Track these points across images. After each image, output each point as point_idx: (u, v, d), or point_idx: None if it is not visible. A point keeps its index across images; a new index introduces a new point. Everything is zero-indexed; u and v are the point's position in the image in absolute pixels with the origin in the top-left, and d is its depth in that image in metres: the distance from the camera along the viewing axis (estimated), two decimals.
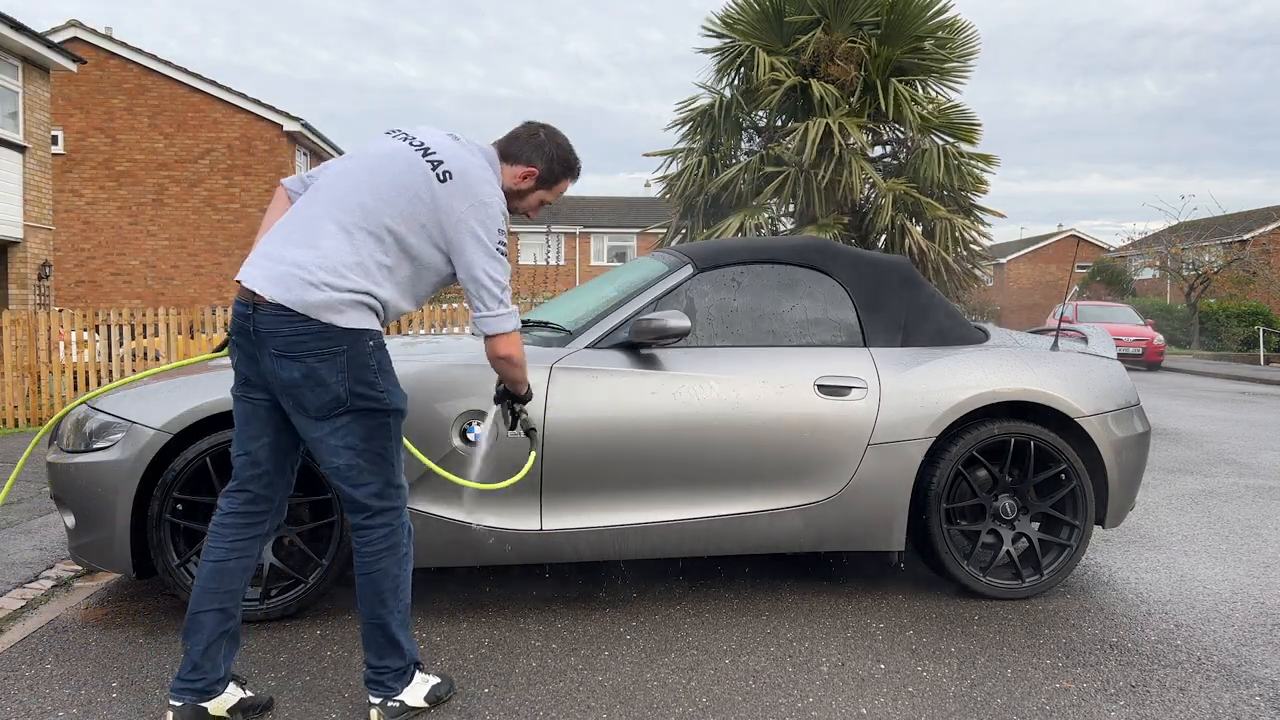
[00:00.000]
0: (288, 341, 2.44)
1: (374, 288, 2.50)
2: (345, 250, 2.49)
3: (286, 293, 2.43)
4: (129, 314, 10.20)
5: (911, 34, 9.06)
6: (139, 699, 2.77)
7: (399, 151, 2.61)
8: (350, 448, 2.52)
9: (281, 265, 2.48)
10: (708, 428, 3.52)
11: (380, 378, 2.52)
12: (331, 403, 2.47)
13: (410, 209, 2.54)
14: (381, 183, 2.56)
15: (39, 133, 14.73)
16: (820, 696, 2.84)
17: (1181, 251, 31.04)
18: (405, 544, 2.64)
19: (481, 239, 2.56)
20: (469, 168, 2.61)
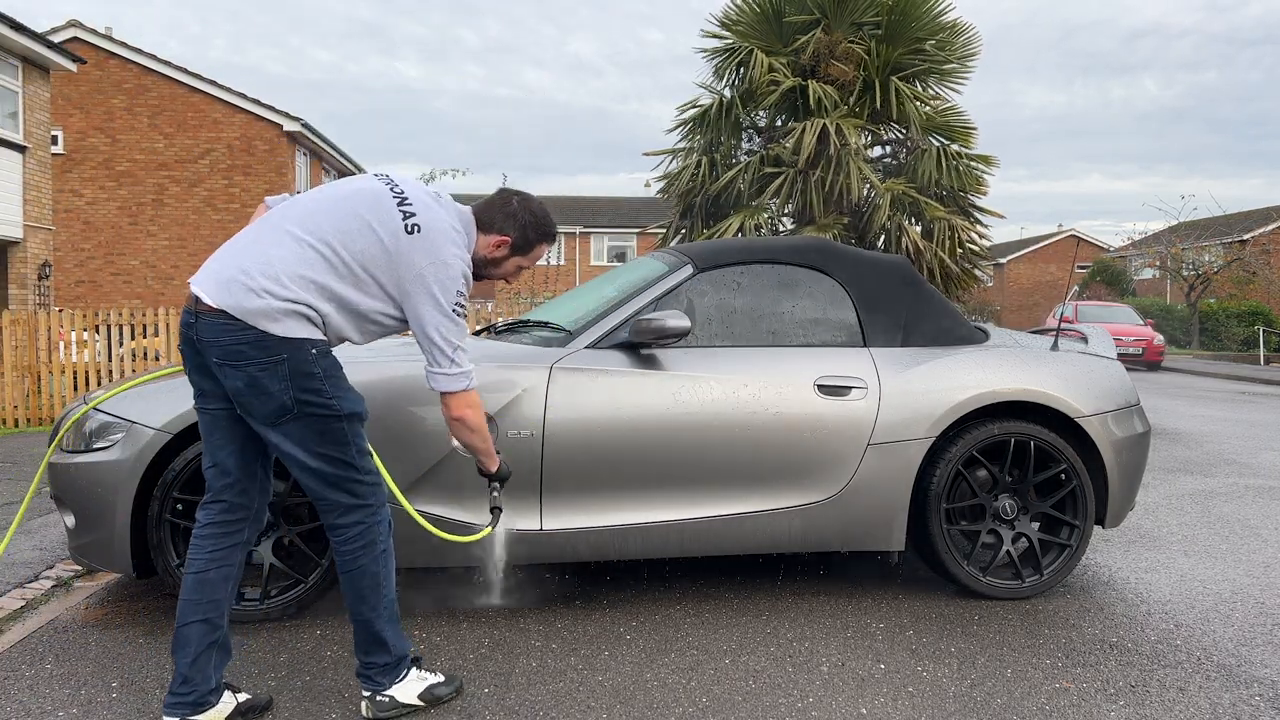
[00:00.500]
0: (226, 351, 2.44)
1: (316, 302, 2.49)
2: (292, 262, 2.48)
3: (227, 297, 2.43)
4: (129, 314, 10.20)
5: (912, 35, 9.06)
6: (139, 699, 2.77)
7: (377, 193, 2.62)
8: (307, 450, 2.51)
9: (227, 270, 2.48)
10: (708, 428, 3.52)
11: (327, 384, 2.50)
12: (278, 410, 2.46)
13: (371, 250, 2.54)
14: (349, 215, 2.56)
15: (39, 133, 14.73)
16: (820, 696, 2.84)
17: (1181, 251, 31.04)
18: (383, 540, 2.63)
19: (436, 297, 2.55)
20: (439, 226, 2.60)
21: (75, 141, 22.19)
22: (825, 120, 8.63)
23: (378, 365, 3.45)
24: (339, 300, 2.53)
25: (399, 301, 2.59)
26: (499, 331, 4.28)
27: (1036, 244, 44.87)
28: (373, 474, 2.62)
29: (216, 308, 2.43)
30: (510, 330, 4.20)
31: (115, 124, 22.30)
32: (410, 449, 3.35)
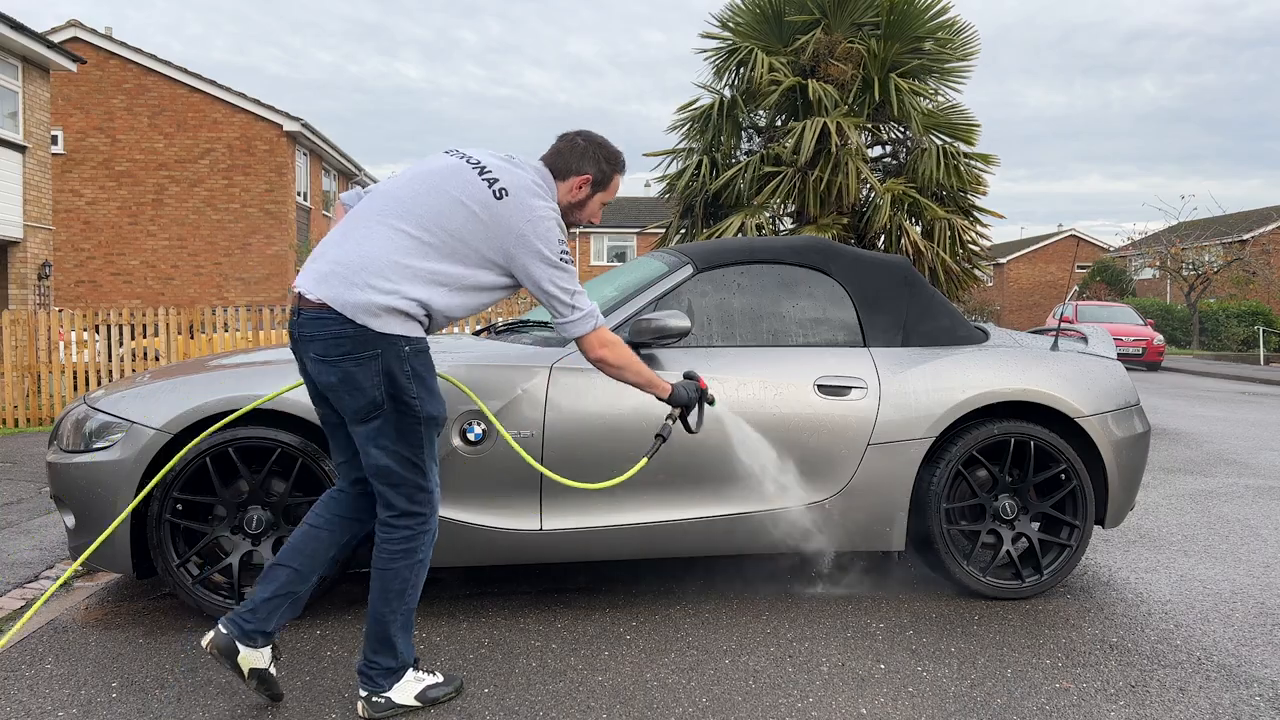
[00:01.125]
0: (324, 345, 2.50)
1: (418, 291, 2.52)
2: (390, 251, 2.53)
3: (327, 289, 2.48)
4: (129, 314, 10.20)
5: (911, 34, 9.06)
6: (139, 699, 2.77)
7: (456, 168, 2.65)
8: (383, 449, 2.55)
9: (325, 265, 2.54)
10: (708, 428, 3.52)
11: (414, 383, 2.54)
12: (368, 406, 2.52)
13: (467, 224, 2.57)
14: (436, 193, 2.60)
15: (39, 133, 14.73)
16: (820, 696, 2.84)
17: (1181, 251, 31.05)
18: (423, 551, 2.65)
19: (542, 251, 2.59)
20: (524, 184, 2.64)
21: (75, 141, 22.19)
22: (825, 119, 8.63)
23: None
24: (443, 279, 2.56)
25: (505, 267, 2.61)
26: (499, 331, 4.28)
27: (1036, 244, 44.87)
28: (433, 483, 2.65)
29: (317, 301, 2.49)
30: (510, 330, 4.20)
31: (115, 124, 22.30)
32: None
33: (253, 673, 2.62)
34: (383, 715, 2.64)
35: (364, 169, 28.94)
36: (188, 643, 3.21)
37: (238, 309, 10.46)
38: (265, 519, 3.38)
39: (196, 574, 3.36)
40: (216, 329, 10.35)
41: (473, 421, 3.38)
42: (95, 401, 3.47)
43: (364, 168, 28.96)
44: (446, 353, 3.59)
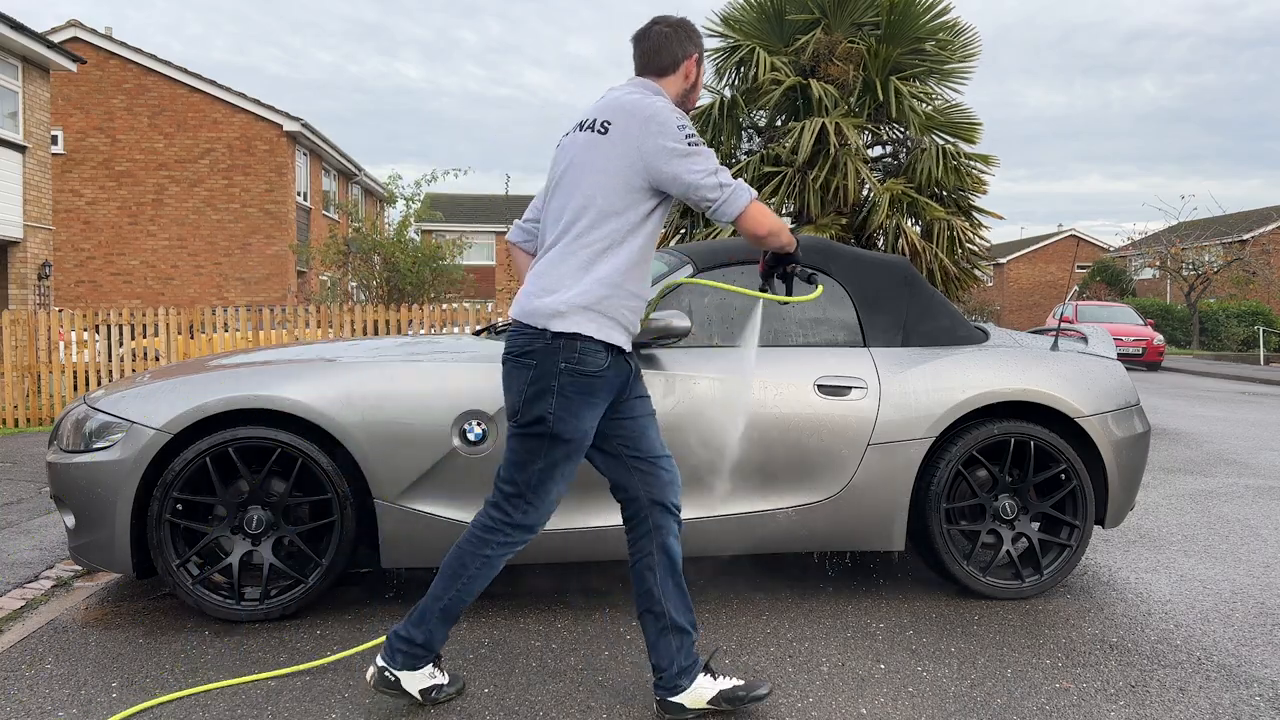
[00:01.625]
0: (507, 352, 2.61)
1: (572, 283, 2.53)
2: (555, 257, 2.58)
3: (517, 309, 2.58)
4: (129, 314, 10.20)
5: (912, 35, 9.05)
6: (139, 699, 2.77)
7: (568, 146, 2.65)
8: (511, 449, 2.61)
9: (521, 289, 2.66)
10: (708, 428, 3.52)
11: (555, 400, 2.52)
12: (510, 410, 2.60)
13: (600, 180, 2.54)
14: (571, 180, 2.60)
15: (39, 133, 14.73)
16: (820, 696, 2.84)
17: (1181, 251, 31.05)
18: (495, 556, 2.64)
19: (669, 146, 2.52)
20: (618, 103, 2.60)
21: (75, 141, 22.19)
22: (825, 120, 8.63)
23: (378, 365, 3.45)
24: (613, 258, 2.55)
25: (652, 185, 2.56)
26: (499, 331, 4.28)
27: (1036, 244, 44.87)
28: (544, 505, 2.63)
29: (511, 318, 2.61)
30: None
31: (115, 124, 22.30)
32: (410, 449, 3.35)
33: (713, 702, 2.62)
34: (382, 691, 2.65)
35: (364, 169, 28.94)
36: (188, 643, 3.21)
37: (238, 309, 10.46)
38: (265, 519, 3.38)
39: (196, 574, 3.36)
40: (216, 329, 10.35)
41: (473, 421, 3.38)
42: (95, 401, 3.47)
43: (364, 168, 28.96)
44: (446, 352, 3.60)
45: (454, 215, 33.98)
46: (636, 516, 2.69)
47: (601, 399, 2.59)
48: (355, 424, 3.32)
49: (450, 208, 34.31)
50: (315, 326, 10.30)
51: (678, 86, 2.75)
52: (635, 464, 2.69)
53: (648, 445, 2.70)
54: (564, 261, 2.56)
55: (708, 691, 2.63)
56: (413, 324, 10.34)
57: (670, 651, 2.63)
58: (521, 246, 2.94)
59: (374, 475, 3.34)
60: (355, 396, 3.35)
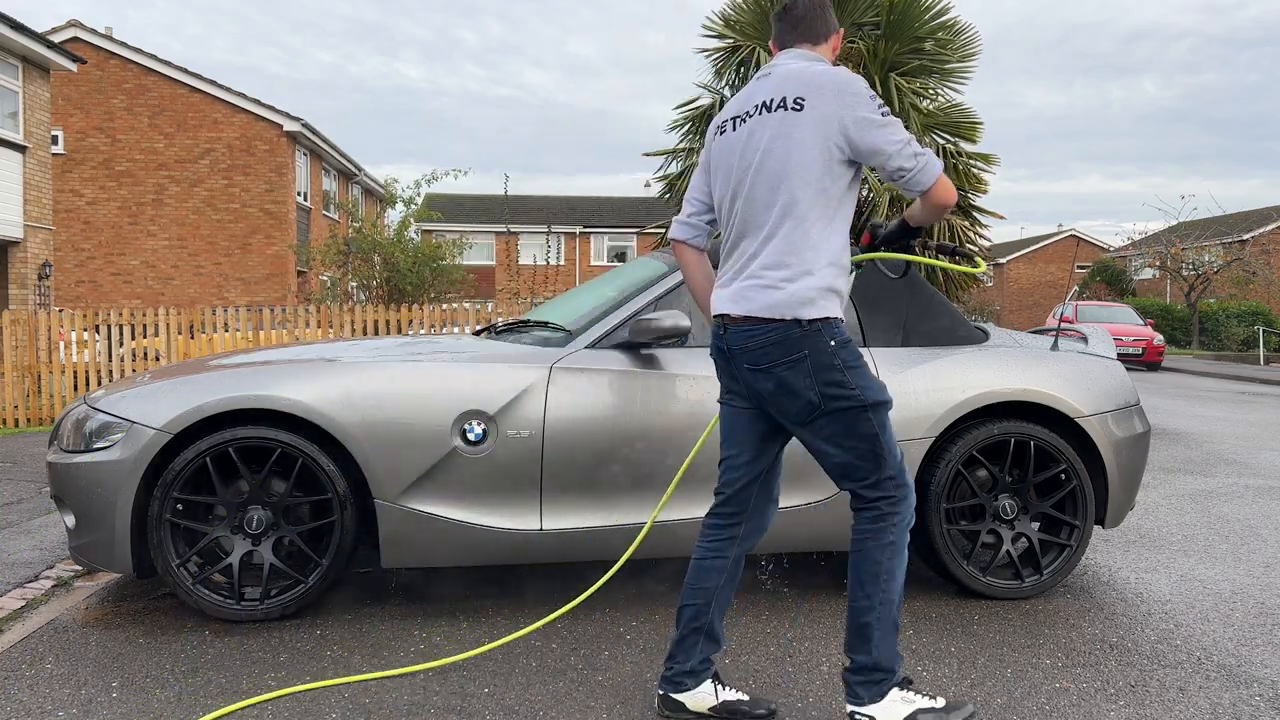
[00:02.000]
0: (754, 355, 2.48)
1: (812, 265, 2.46)
2: (782, 245, 2.47)
3: (748, 305, 2.47)
4: (129, 314, 10.21)
5: (912, 34, 9.05)
6: (139, 699, 2.77)
7: (756, 129, 2.53)
8: (838, 446, 2.49)
9: (736, 283, 2.53)
10: (708, 427, 3.52)
11: (849, 375, 2.45)
12: (806, 407, 2.46)
13: (806, 157, 2.45)
14: (773, 163, 2.48)
15: (39, 133, 14.73)
16: (820, 696, 2.84)
17: (1181, 251, 31.05)
18: (893, 536, 2.49)
19: (870, 118, 2.44)
20: (801, 75, 2.51)
21: (75, 141, 22.20)
22: None
23: (378, 365, 3.45)
24: (829, 239, 2.48)
25: (850, 157, 2.48)
26: (499, 331, 4.28)
27: (1036, 244, 44.87)
28: (898, 466, 2.53)
29: (741, 316, 2.49)
30: (510, 330, 4.20)
31: (115, 124, 22.31)
32: (410, 449, 3.35)
33: (713, 710, 2.59)
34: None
35: (364, 169, 28.94)
36: (188, 643, 3.21)
37: (238, 309, 10.46)
38: (265, 519, 3.38)
39: (196, 574, 3.36)
40: (216, 329, 10.35)
41: (473, 421, 3.38)
42: (95, 401, 3.48)
43: (364, 168, 28.97)
44: (446, 353, 3.60)
45: (454, 215, 33.98)
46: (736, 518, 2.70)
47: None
48: (355, 424, 3.33)
49: (450, 208, 34.31)
50: (315, 326, 10.30)
51: (829, 58, 2.66)
52: (771, 478, 2.71)
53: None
54: (791, 246, 2.45)
55: (704, 699, 2.61)
56: (413, 324, 10.34)
57: (692, 650, 2.63)
58: (691, 243, 2.78)
59: (374, 475, 3.34)
60: (355, 396, 3.35)
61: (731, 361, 2.56)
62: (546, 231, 15.53)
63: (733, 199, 2.59)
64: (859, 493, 2.53)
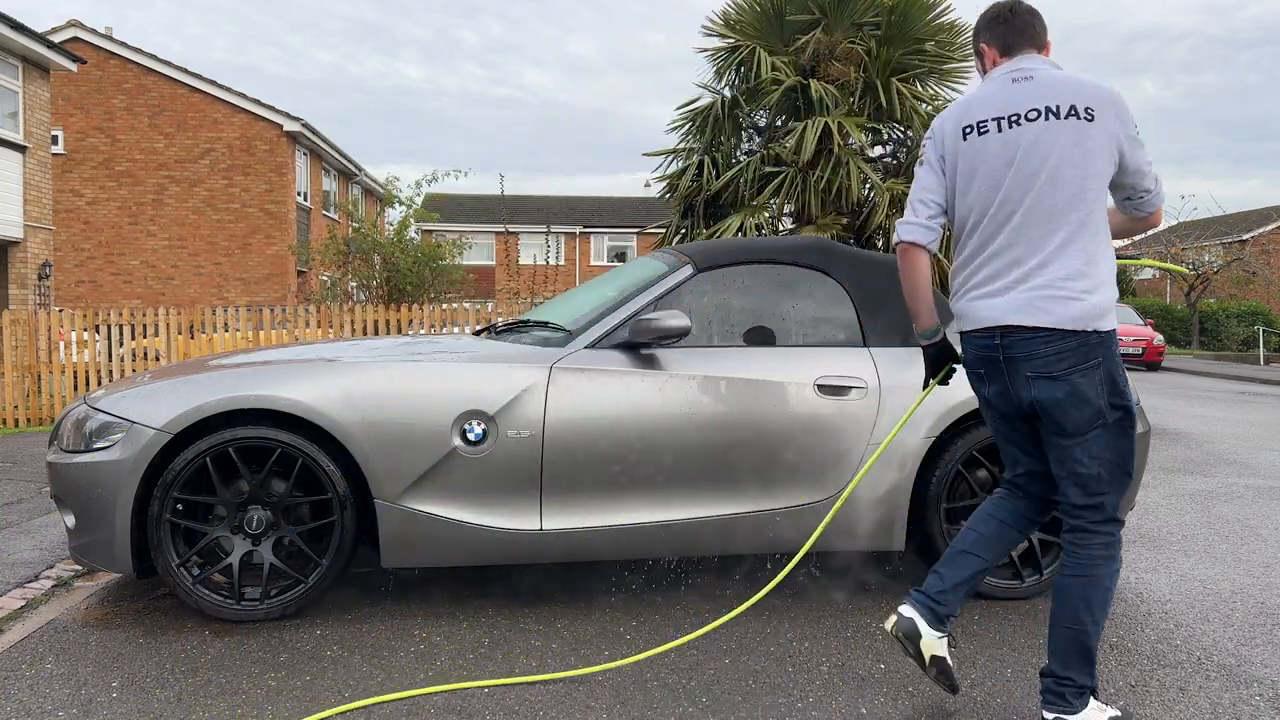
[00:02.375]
0: (1047, 363, 2.45)
1: (1106, 277, 2.48)
2: (1081, 256, 2.45)
3: (1045, 316, 2.44)
4: (129, 314, 10.21)
5: (913, 35, 9.06)
6: (139, 699, 2.77)
7: (1044, 135, 2.49)
8: (1097, 458, 2.48)
9: (1017, 292, 2.48)
10: (707, 427, 3.52)
11: (1126, 386, 2.49)
12: (1091, 417, 2.45)
13: (1091, 167, 2.46)
14: (1068, 170, 2.46)
15: (39, 133, 14.73)
16: (820, 697, 2.84)
17: (1181, 251, 31.04)
18: (1119, 558, 2.55)
19: (1137, 137, 2.51)
20: (1081, 86, 2.50)
21: (75, 141, 22.20)
22: (827, 119, 8.63)
23: (378, 365, 3.45)
24: (1104, 246, 2.50)
25: (1118, 173, 2.52)
26: (499, 331, 4.28)
27: None
28: (1132, 487, 2.61)
29: (1033, 326, 2.45)
30: (510, 330, 4.21)
31: (115, 124, 22.31)
32: (410, 449, 3.35)
33: (934, 660, 2.61)
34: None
35: (364, 169, 28.94)
36: (188, 643, 3.21)
37: (238, 309, 10.46)
38: (265, 519, 3.38)
39: (197, 574, 3.36)
40: (216, 329, 10.35)
41: (473, 421, 3.38)
42: (95, 401, 3.48)
43: (364, 168, 28.97)
44: (446, 353, 3.60)
45: (454, 215, 33.99)
46: (1039, 505, 2.75)
47: None
48: (355, 424, 3.33)
49: (450, 208, 34.32)
50: (315, 326, 10.30)
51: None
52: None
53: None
54: (1090, 257, 2.45)
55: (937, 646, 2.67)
56: (413, 324, 10.34)
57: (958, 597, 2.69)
58: (929, 247, 2.69)
59: (374, 475, 3.34)
60: (355, 396, 3.35)
61: (1007, 370, 2.53)
62: (546, 231, 15.54)
63: (1002, 203, 2.52)
64: (1083, 511, 2.52)
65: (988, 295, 2.54)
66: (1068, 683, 2.49)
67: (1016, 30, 2.64)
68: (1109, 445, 2.48)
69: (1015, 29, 2.64)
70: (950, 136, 2.63)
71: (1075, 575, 2.51)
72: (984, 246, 2.56)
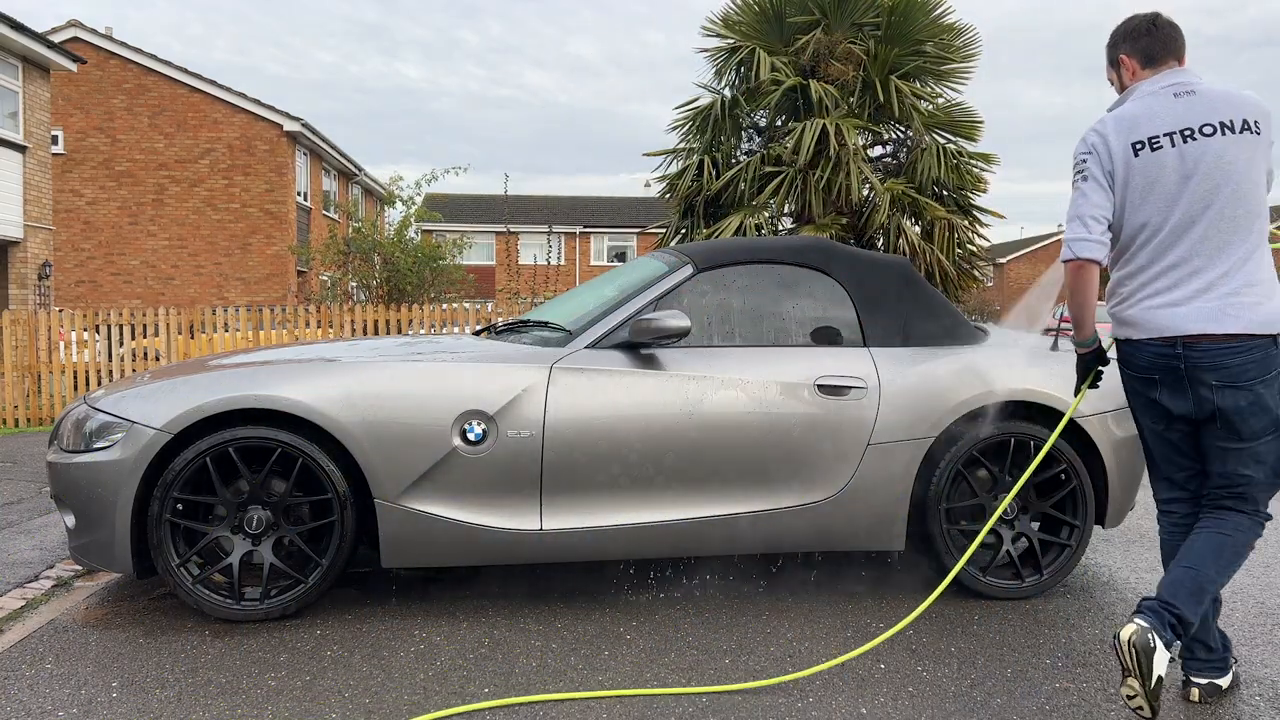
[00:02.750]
0: (1233, 372, 2.52)
1: (1277, 285, 2.57)
2: (1256, 264, 2.55)
3: (1236, 323, 2.51)
4: (129, 314, 10.21)
5: (912, 36, 9.06)
6: (139, 699, 2.77)
7: (1226, 150, 2.57)
8: (1262, 463, 2.59)
9: (1203, 301, 2.55)
10: (708, 427, 3.52)
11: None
12: (1268, 425, 2.56)
13: (1261, 179, 2.58)
14: (1248, 182, 2.56)
15: (39, 133, 14.73)
16: (820, 696, 2.84)
17: None
18: (1256, 539, 2.67)
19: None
20: (1243, 100, 2.60)
21: (75, 141, 22.20)
22: (825, 120, 8.63)
23: (378, 365, 3.45)
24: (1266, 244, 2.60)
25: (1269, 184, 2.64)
26: (499, 331, 4.28)
27: (1036, 244, 44.86)
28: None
29: (1223, 334, 2.52)
30: (510, 330, 4.21)
31: (115, 124, 22.31)
32: (410, 449, 3.35)
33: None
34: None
35: (364, 169, 28.95)
36: (188, 643, 3.21)
37: (238, 309, 10.46)
38: (265, 519, 3.38)
39: (196, 574, 3.36)
40: (216, 329, 10.35)
41: (473, 421, 3.38)
42: (95, 401, 3.48)
43: (364, 168, 28.97)
44: (446, 352, 3.60)
45: (454, 215, 33.98)
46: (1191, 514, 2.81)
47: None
48: (355, 424, 3.33)
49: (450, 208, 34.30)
50: (315, 326, 10.30)
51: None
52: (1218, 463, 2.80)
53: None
54: (1262, 265, 2.56)
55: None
56: (413, 324, 10.34)
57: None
58: (1103, 263, 2.73)
59: (374, 475, 3.34)
60: (355, 396, 3.35)
61: (1188, 378, 2.59)
62: (547, 231, 15.53)
63: (1180, 216, 2.59)
64: (1233, 503, 2.64)
65: (1168, 305, 2.61)
66: (1170, 608, 2.53)
67: (1161, 43, 2.74)
68: (1274, 451, 2.59)
69: (1160, 41, 2.73)
70: (1119, 153, 2.67)
71: (1211, 530, 2.62)
72: (1159, 257, 2.63)
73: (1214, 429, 2.61)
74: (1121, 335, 2.74)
